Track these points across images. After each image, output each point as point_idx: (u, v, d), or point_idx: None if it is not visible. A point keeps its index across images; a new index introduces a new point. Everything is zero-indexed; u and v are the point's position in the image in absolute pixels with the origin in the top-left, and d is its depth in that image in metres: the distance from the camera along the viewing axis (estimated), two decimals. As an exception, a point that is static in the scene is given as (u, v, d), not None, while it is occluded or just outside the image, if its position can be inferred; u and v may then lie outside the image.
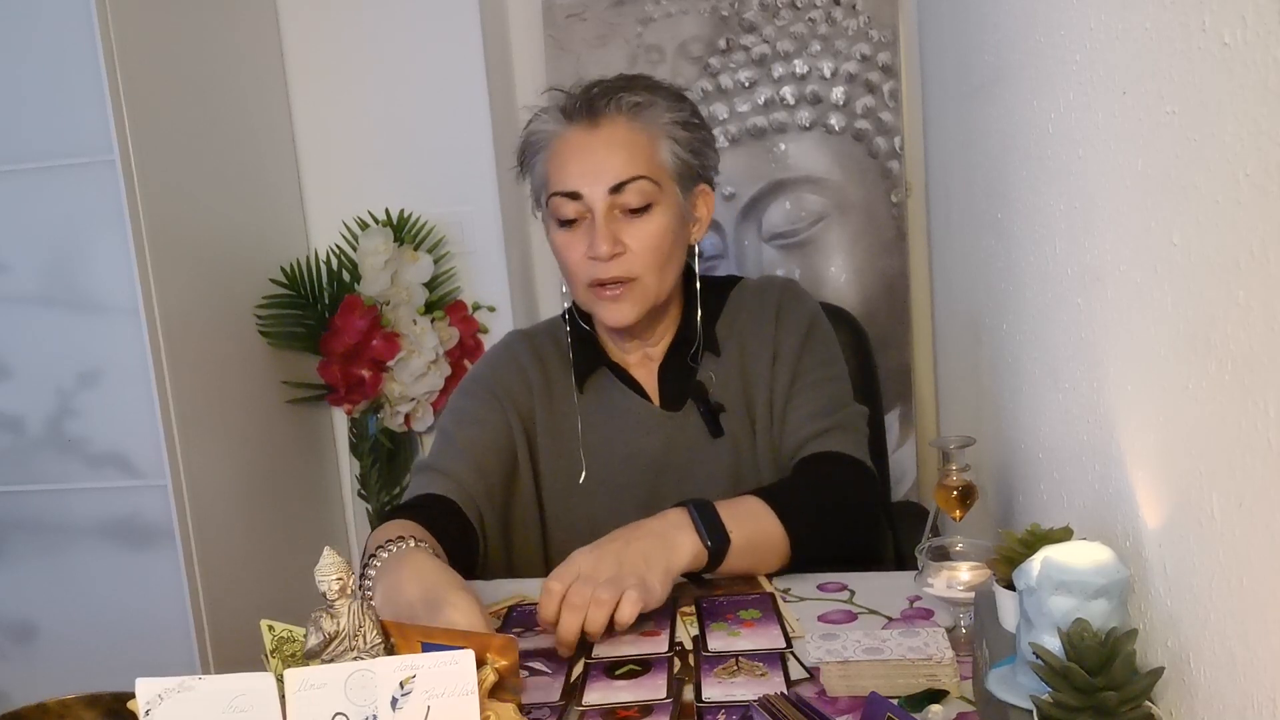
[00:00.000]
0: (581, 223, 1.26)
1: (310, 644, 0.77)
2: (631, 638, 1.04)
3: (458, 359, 2.07)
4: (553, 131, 1.28)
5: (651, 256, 1.26)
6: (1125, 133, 0.75)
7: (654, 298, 1.28)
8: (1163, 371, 0.70)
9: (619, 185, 1.24)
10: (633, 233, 1.25)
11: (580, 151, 1.25)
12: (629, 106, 1.25)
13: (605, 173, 1.24)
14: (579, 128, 1.26)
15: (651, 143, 1.26)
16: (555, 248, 1.30)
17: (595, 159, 1.24)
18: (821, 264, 2.04)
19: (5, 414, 1.75)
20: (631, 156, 1.24)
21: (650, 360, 1.37)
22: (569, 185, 1.25)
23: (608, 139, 1.25)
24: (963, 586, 0.99)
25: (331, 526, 2.21)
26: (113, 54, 1.63)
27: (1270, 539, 0.56)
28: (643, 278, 1.26)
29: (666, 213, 1.26)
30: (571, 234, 1.26)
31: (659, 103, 1.27)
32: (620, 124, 1.25)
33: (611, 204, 1.24)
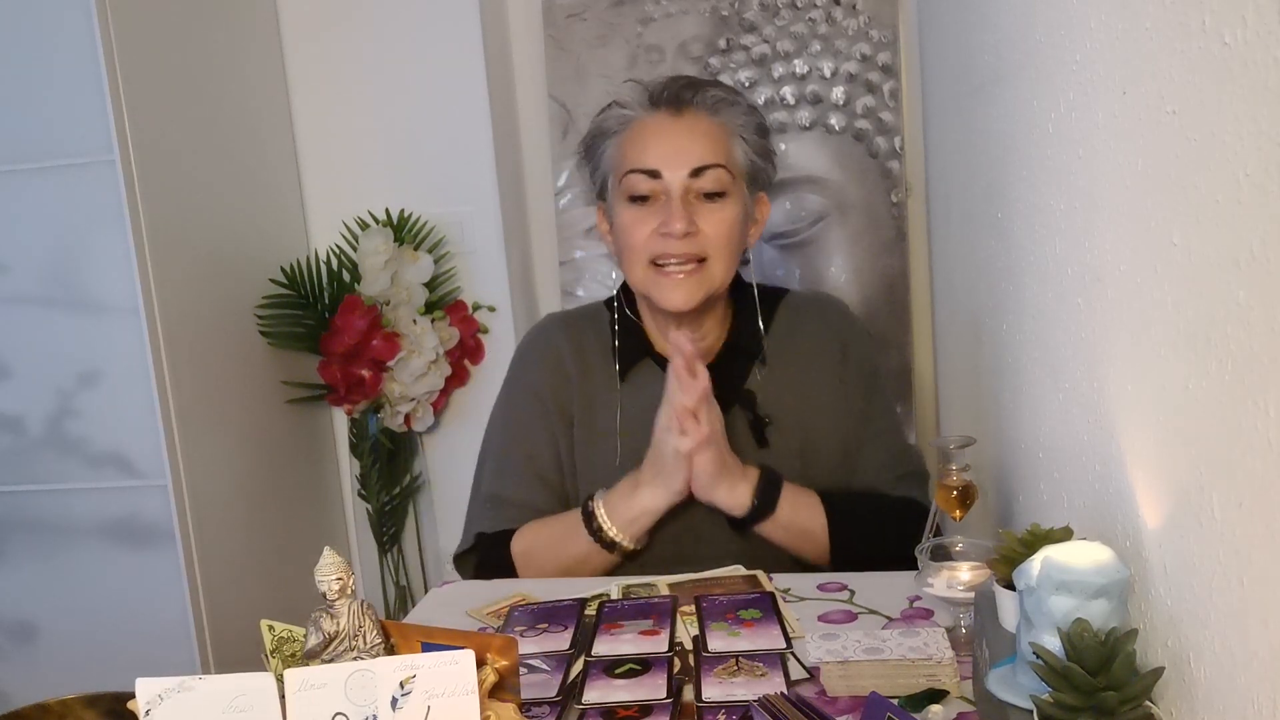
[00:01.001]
0: (654, 203, 1.29)
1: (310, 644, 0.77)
2: (631, 637, 1.04)
3: (458, 359, 2.07)
4: (632, 116, 1.32)
5: (723, 241, 1.29)
6: (1125, 133, 0.75)
7: (717, 284, 1.31)
8: (1163, 371, 0.70)
9: (699, 170, 1.28)
10: (707, 216, 1.29)
11: (662, 134, 1.30)
12: (712, 101, 1.32)
13: (687, 155, 1.28)
14: (663, 114, 1.31)
15: (728, 138, 1.31)
16: (621, 226, 1.32)
17: (678, 142, 1.29)
18: (821, 264, 2.04)
19: (5, 414, 1.75)
20: (712, 145, 1.29)
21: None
22: (649, 163, 1.29)
23: (690, 126, 1.30)
24: (963, 586, 0.99)
25: (331, 526, 2.21)
26: (113, 54, 1.63)
27: (1270, 539, 0.56)
28: (711, 261, 1.30)
29: (737, 205, 1.31)
30: (642, 211, 1.30)
31: (739, 104, 1.34)
32: (703, 116, 1.31)
33: (688, 188, 1.28)
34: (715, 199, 1.29)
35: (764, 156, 1.35)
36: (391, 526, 2.13)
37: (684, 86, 1.32)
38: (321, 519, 2.18)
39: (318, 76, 2.11)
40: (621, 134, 1.33)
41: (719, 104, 1.31)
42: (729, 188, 1.30)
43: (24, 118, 1.66)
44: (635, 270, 1.32)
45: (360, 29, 2.07)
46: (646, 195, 1.29)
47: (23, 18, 1.63)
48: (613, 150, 1.34)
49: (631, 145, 1.31)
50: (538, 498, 1.36)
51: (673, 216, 1.27)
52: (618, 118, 1.34)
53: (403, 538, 2.15)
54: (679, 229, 1.26)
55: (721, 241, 1.29)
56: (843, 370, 1.37)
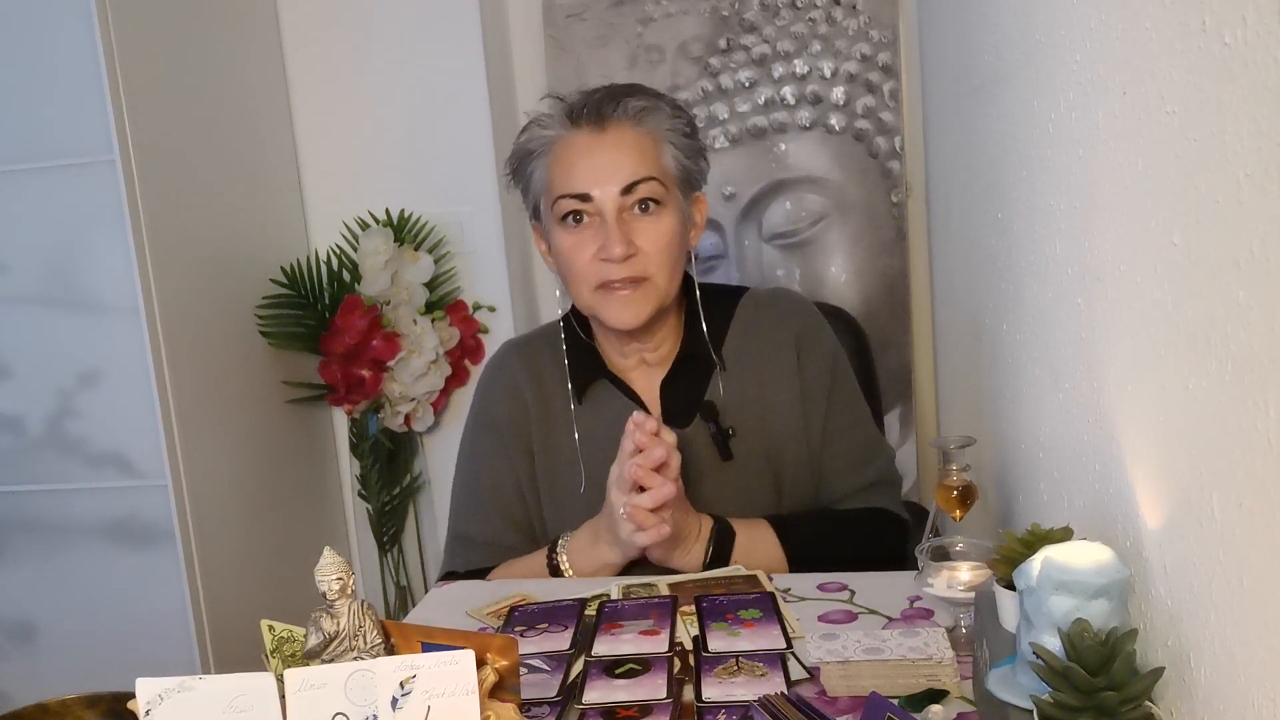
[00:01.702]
0: (590, 225, 1.26)
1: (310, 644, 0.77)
2: (631, 637, 1.04)
3: (458, 359, 2.07)
4: (555, 136, 1.28)
5: (663, 256, 1.26)
6: (1125, 133, 0.75)
7: (663, 298, 1.28)
8: (1163, 371, 0.70)
9: (630, 185, 1.24)
10: (644, 233, 1.25)
11: (588, 154, 1.26)
12: (635, 111, 1.27)
13: (616, 173, 1.24)
14: (585, 131, 1.26)
15: (656, 146, 1.27)
16: (560, 251, 1.29)
17: (604, 160, 1.25)
18: (821, 264, 2.04)
19: (5, 414, 1.75)
20: (640, 158, 1.25)
21: (648, 367, 1.36)
22: (578, 187, 1.25)
23: (615, 141, 1.26)
24: (963, 586, 0.99)
25: (331, 526, 2.21)
26: (113, 54, 1.63)
27: (1270, 539, 0.56)
28: (655, 277, 1.26)
29: (674, 213, 1.27)
30: (579, 235, 1.26)
31: (662, 109, 1.29)
32: (626, 128, 1.26)
33: (621, 205, 1.25)
34: (650, 211, 1.25)
35: (695, 157, 1.31)
36: (391, 526, 2.13)
37: (603, 99, 1.27)
38: (321, 519, 2.18)
39: (318, 76, 2.11)
40: (546, 155, 1.28)
41: (642, 112, 1.27)
42: (663, 197, 1.26)
43: (24, 118, 1.66)
44: (581, 294, 1.29)
45: (360, 29, 2.07)
46: (580, 216, 1.26)
47: (23, 18, 1.63)
48: (540, 173, 1.30)
49: (558, 167, 1.27)
50: (503, 535, 1.36)
51: (610, 240, 1.23)
52: (540, 139, 1.29)
53: (403, 538, 2.15)
54: (618, 253, 1.23)
55: (662, 257, 1.26)
56: (800, 371, 1.34)
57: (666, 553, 1.24)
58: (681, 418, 1.32)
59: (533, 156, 1.30)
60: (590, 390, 1.35)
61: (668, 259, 1.27)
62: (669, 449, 1.19)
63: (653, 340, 1.34)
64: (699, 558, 1.25)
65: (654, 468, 1.18)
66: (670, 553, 1.24)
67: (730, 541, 1.26)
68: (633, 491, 1.19)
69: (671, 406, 1.34)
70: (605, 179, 1.24)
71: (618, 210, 1.24)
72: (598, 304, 1.28)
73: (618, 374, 1.36)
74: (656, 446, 1.18)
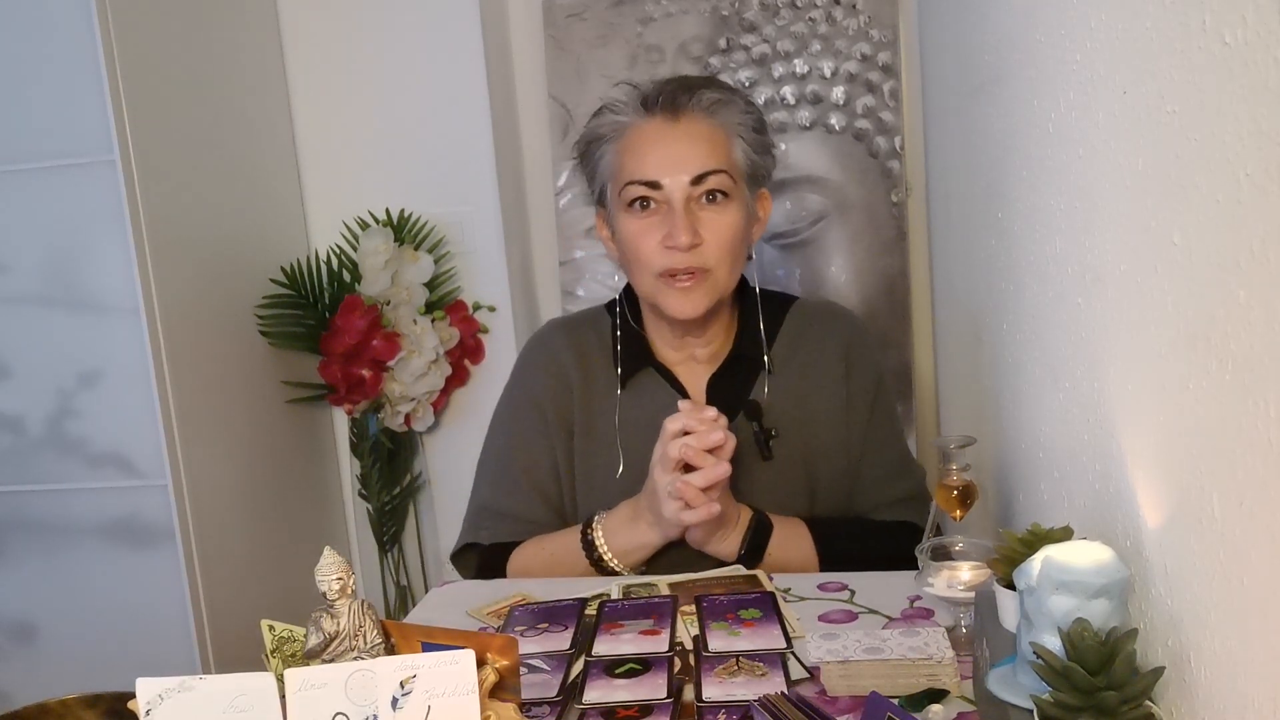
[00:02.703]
0: (657, 212, 1.27)
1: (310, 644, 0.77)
2: (631, 637, 1.04)
3: (458, 359, 2.07)
4: (628, 122, 1.29)
5: (726, 249, 1.27)
6: (1125, 133, 0.75)
7: (722, 291, 1.30)
8: (1163, 371, 0.70)
9: (700, 176, 1.25)
10: (709, 224, 1.26)
11: (660, 142, 1.27)
12: (708, 103, 1.28)
13: (687, 163, 1.25)
14: (659, 120, 1.28)
15: (727, 139, 1.28)
16: (625, 236, 1.29)
17: (677, 150, 1.26)
18: (821, 264, 2.04)
19: (5, 414, 1.75)
20: (712, 149, 1.27)
21: (696, 363, 1.37)
22: (648, 174, 1.26)
23: (688, 131, 1.27)
24: (963, 586, 0.99)
25: (331, 526, 2.21)
26: (113, 54, 1.62)
27: (1270, 539, 0.56)
28: (715, 270, 1.27)
29: (740, 208, 1.29)
30: (646, 221, 1.27)
31: (735, 102, 1.30)
32: (700, 119, 1.28)
33: (690, 195, 1.26)
34: (717, 203, 1.26)
35: (763, 153, 1.32)
36: (392, 526, 2.13)
37: (678, 89, 1.28)
38: (321, 519, 2.18)
39: (318, 76, 2.11)
40: (617, 141, 1.29)
41: (715, 105, 1.28)
42: (731, 190, 1.27)
43: (24, 118, 1.66)
44: (644, 281, 1.30)
45: (360, 29, 2.07)
46: (648, 203, 1.27)
47: (22, 18, 1.63)
48: (610, 158, 1.30)
49: (629, 153, 1.28)
50: (535, 511, 1.36)
51: (677, 229, 1.24)
52: (611, 124, 1.30)
53: (403, 538, 2.15)
54: (684, 241, 1.24)
55: (725, 249, 1.27)
56: (847, 382, 1.36)
57: (707, 535, 1.25)
58: (725, 415, 1.32)
59: (603, 141, 1.31)
60: (636, 378, 1.36)
61: (729, 252, 1.28)
62: (727, 434, 1.21)
63: (705, 335, 1.35)
64: (735, 546, 1.26)
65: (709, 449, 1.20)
66: (710, 536, 1.25)
67: (767, 535, 1.27)
68: (678, 470, 1.21)
69: (717, 403, 1.33)
70: (676, 168, 1.25)
71: (686, 200, 1.26)
72: (659, 292, 1.29)
73: (665, 365, 1.36)
74: (716, 430, 1.20)
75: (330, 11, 2.08)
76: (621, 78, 2.01)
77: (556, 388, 1.37)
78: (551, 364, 1.38)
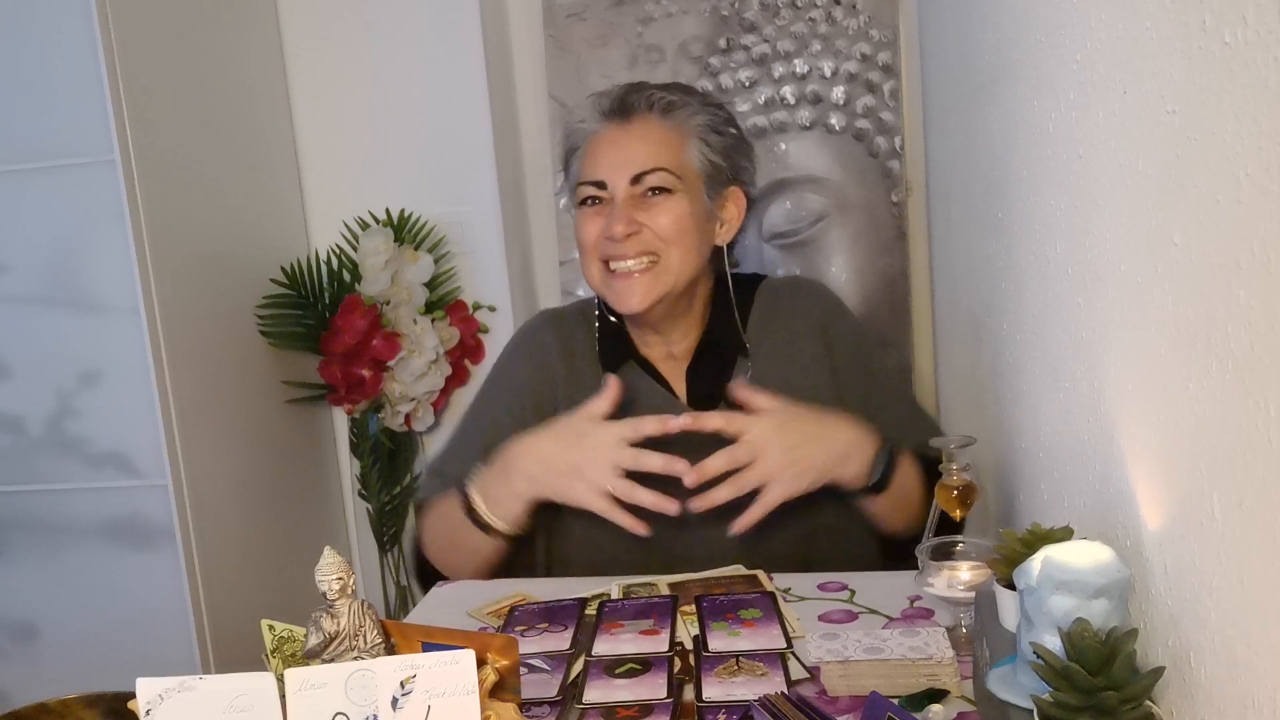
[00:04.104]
0: (601, 208, 1.31)
1: (310, 644, 0.77)
2: (631, 637, 1.04)
3: (458, 359, 2.07)
4: (590, 130, 1.35)
5: (672, 234, 1.30)
6: (1125, 133, 0.75)
7: (674, 278, 1.30)
8: (1163, 371, 0.70)
9: (639, 175, 1.30)
10: (650, 213, 1.30)
11: (611, 145, 1.32)
12: (661, 104, 1.33)
13: (629, 163, 1.30)
14: (613, 124, 1.33)
15: (680, 140, 1.32)
16: (575, 231, 1.35)
17: (623, 151, 1.31)
18: (822, 264, 2.04)
19: (5, 414, 1.74)
20: (657, 150, 1.31)
21: (674, 359, 1.39)
22: (596, 175, 1.32)
23: (639, 134, 1.32)
24: (963, 586, 0.99)
25: (331, 526, 2.21)
26: (113, 54, 1.62)
27: (1271, 539, 0.56)
28: (664, 256, 1.30)
29: (684, 201, 1.31)
30: (591, 215, 1.32)
31: (691, 104, 1.34)
32: (652, 121, 1.32)
33: (630, 193, 1.30)
34: (658, 197, 1.30)
35: (729, 154, 1.35)
36: (392, 526, 2.13)
37: (629, 92, 1.34)
38: (322, 519, 2.17)
39: (318, 76, 2.11)
40: (583, 148, 1.35)
41: (669, 106, 1.33)
42: (674, 186, 1.30)
43: (24, 118, 1.66)
44: (591, 274, 1.34)
45: (360, 29, 2.07)
46: (596, 201, 1.32)
47: (23, 18, 1.63)
48: (575, 165, 1.37)
49: (587, 158, 1.34)
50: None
51: (613, 219, 1.28)
52: (579, 133, 1.36)
53: (403, 538, 2.15)
54: (619, 231, 1.27)
55: (670, 234, 1.29)
56: (830, 355, 1.37)
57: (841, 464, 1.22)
58: (706, 403, 1.35)
59: (574, 150, 1.37)
60: (620, 372, 1.37)
61: (678, 239, 1.30)
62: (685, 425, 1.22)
63: (676, 333, 1.37)
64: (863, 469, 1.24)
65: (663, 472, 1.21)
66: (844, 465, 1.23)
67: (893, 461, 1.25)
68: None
69: (697, 393, 1.36)
70: (619, 168, 1.30)
71: (627, 197, 1.30)
72: (604, 286, 1.33)
73: (647, 360, 1.38)
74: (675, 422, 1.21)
75: (330, 11, 2.08)
76: (621, 78, 2.01)
77: (538, 377, 1.39)
78: (536, 353, 1.41)
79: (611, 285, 1.31)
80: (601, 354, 1.38)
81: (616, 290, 1.30)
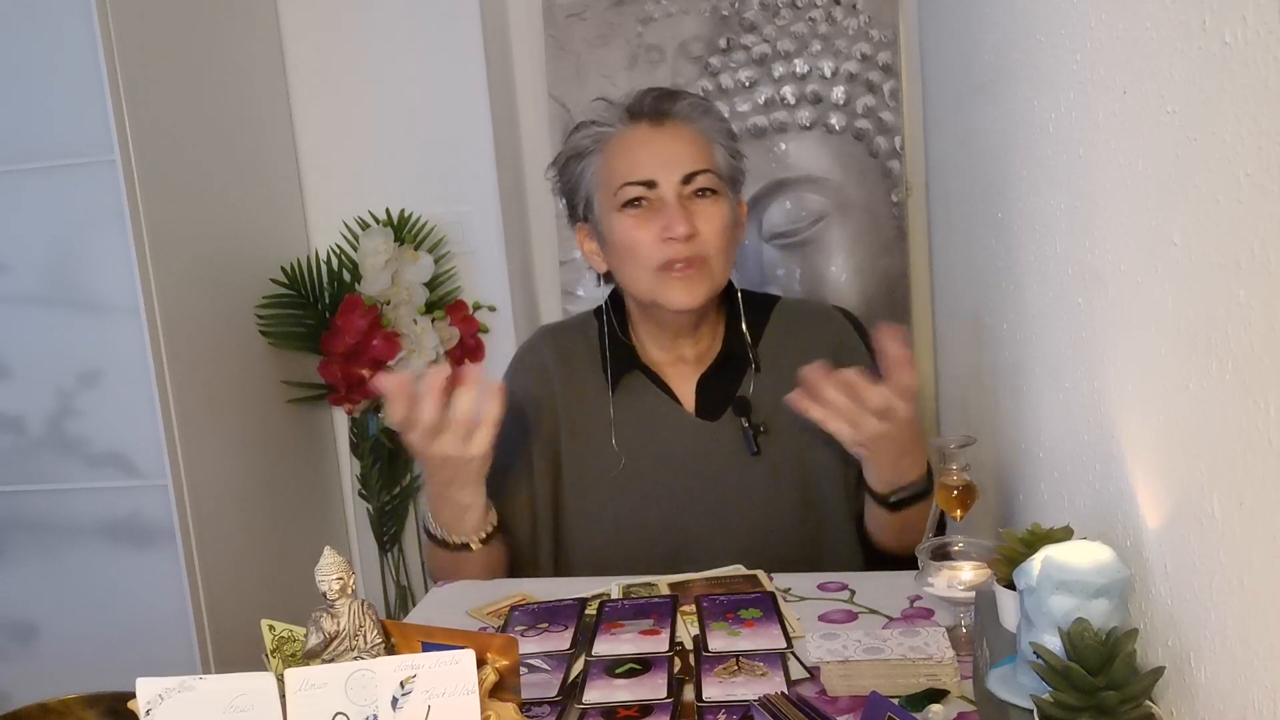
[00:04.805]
0: (651, 208, 1.31)
1: (310, 644, 0.77)
2: (631, 637, 1.04)
3: (458, 359, 2.07)
4: (613, 131, 1.34)
5: (720, 240, 1.32)
6: (1125, 133, 0.75)
7: (717, 283, 1.33)
8: (1163, 371, 0.70)
9: (690, 175, 1.31)
10: (703, 216, 1.31)
11: (649, 144, 1.32)
12: (690, 110, 1.34)
13: (679, 161, 1.31)
14: (645, 125, 1.33)
15: (709, 144, 1.34)
16: (621, 235, 1.32)
17: (666, 150, 1.32)
18: (822, 264, 2.04)
19: (5, 414, 1.75)
20: (697, 151, 1.32)
21: (684, 364, 1.39)
22: (643, 174, 1.31)
23: (674, 135, 1.33)
24: (963, 586, 0.99)
25: (331, 526, 2.21)
26: (113, 54, 1.62)
27: (1271, 539, 0.56)
28: (712, 260, 1.31)
29: (725, 204, 1.33)
30: (641, 218, 1.31)
31: (711, 111, 1.38)
32: (682, 125, 1.34)
33: (681, 192, 1.31)
34: (707, 197, 1.31)
35: (738, 159, 1.38)
36: (392, 526, 2.13)
37: (660, 98, 1.34)
38: (322, 519, 2.18)
39: (318, 76, 2.11)
40: (602, 151, 1.34)
41: (695, 112, 1.34)
42: (719, 188, 1.33)
43: (24, 118, 1.66)
44: (641, 278, 1.32)
45: (360, 29, 2.07)
46: (642, 202, 1.31)
47: (23, 18, 1.63)
48: (595, 169, 1.34)
49: (620, 158, 1.32)
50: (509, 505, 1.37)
51: (675, 220, 1.28)
52: (594, 135, 1.35)
53: (403, 538, 2.16)
54: (683, 231, 1.27)
55: (718, 240, 1.31)
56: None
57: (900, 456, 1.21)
58: (715, 412, 1.36)
59: (585, 155, 1.36)
60: (625, 381, 1.38)
61: (723, 244, 1.32)
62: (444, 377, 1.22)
63: (695, 335, 1.38)
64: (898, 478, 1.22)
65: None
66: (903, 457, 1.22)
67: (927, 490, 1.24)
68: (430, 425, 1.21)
69: (706, 402, 1.37)
70: (668, 167, 1.30)
71: (678, 195, 1.30)
72: (658, 286, 1.31)
73: (652, 368, 1.39)
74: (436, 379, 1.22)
75: (330, 11, 2.08)
76: (621, 78, 2.01)
77: (538, 393, 1.39)
78: (535, 368, 1.41)
79: (667, 284, 1.30)
80: (607, 363, 1.39)
81: (672, 289, 1.30)
